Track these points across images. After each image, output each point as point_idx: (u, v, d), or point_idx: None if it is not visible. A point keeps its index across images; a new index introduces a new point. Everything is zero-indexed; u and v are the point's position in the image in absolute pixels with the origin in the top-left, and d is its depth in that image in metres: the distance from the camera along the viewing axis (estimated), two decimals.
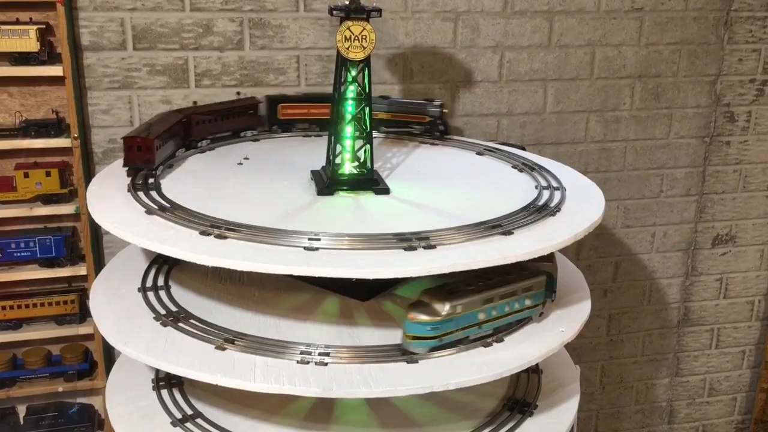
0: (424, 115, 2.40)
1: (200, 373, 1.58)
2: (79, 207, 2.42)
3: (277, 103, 2.42)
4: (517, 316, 1.77)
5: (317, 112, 2.39)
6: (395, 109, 2.42)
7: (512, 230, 1.67)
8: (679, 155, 3.04)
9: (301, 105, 2.41)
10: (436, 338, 1.63)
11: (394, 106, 2.43)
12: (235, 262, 1.48)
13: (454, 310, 1.62)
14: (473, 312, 1.66)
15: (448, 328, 1.63)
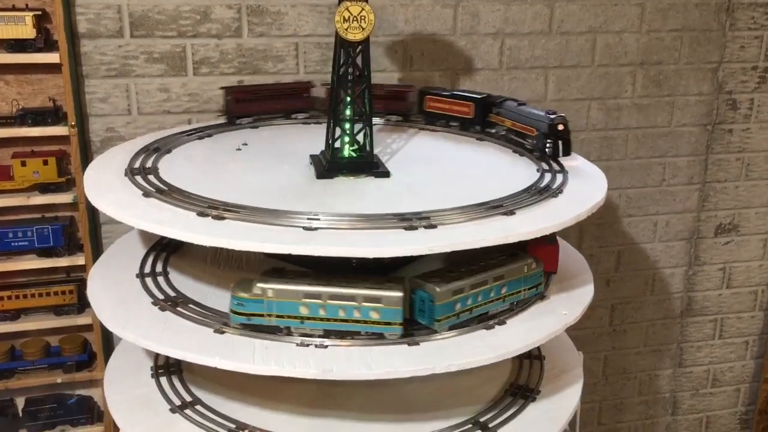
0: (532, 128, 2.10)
1: (198, 356, 1.56)
2: (77, 196, 2.41)
3: (425, 94, 2.42)
4: (359, 326, 1.59)
5: (459, 109, 2.34)
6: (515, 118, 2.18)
7: (514, 210, 1.65)
8: (681, 143, 3.01)
9: (445, 100, 2.37)
10: (243, 315, 1.59)
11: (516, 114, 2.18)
12: (232, 242, 1.46)
13: (263, 292, 1.58)
14: (290, 301, 1.59)
15: (257, 309, 1.59)
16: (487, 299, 1.69)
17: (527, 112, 2.12)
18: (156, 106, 2.48)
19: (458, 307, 1.63)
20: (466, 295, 1.64)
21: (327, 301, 1.58)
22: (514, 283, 1.74)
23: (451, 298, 1.61)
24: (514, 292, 1.75)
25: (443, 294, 1.59)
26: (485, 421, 1.82)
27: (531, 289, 1.79)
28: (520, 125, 2.14)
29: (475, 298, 1.66)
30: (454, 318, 1.64)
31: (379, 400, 1.91)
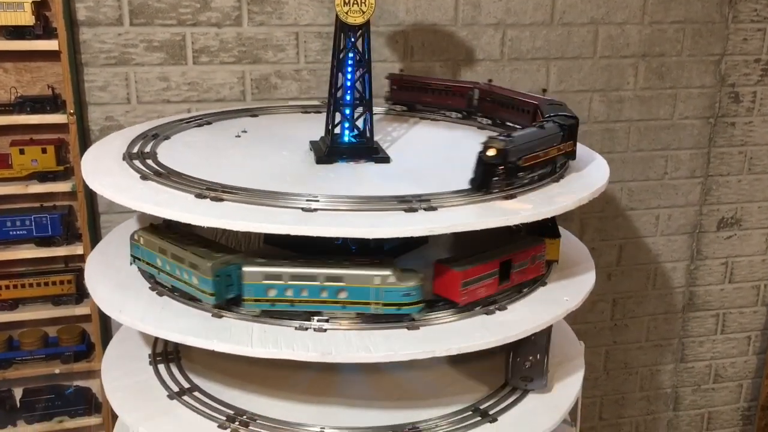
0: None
1: (196, 339, 1.54)
2: (76, 184, 2.39)
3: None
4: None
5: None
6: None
7: (515, 194, 1.63)
8: (683, 136, 3.00)
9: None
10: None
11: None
12: (230, 222, 1.45)
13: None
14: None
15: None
16: (317, 298, 1.55)
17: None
18: (155, 95, 2.47)
19: (272, 294, 1.54)
20: (285, 285, 1.53)
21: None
22: (358, 291, 1.55)
23: (260, 281, 1.53)
24: (359, 302, 1.56)
25: (252, 274, 1.54)
26: (485, 408, 1.81)
27: (390, 306, 1.55)
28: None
29: (297, 291, 1.54)
30: (268, 304, 1.55)
31: (379, 388, 1.89)
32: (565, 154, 1.80)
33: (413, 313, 1.59)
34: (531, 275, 1.79)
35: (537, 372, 1.82)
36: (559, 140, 1.76)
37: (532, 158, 1.66)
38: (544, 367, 1.81)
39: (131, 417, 1.74)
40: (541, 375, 1.82)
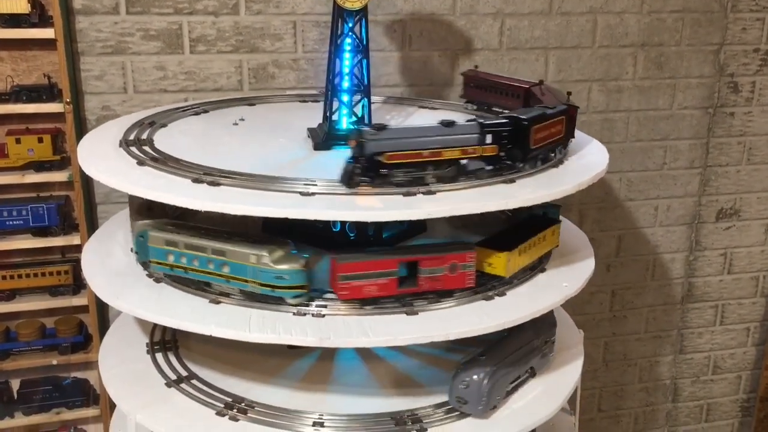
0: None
1: (194, 324, 1.53)
2: (72, 174, 2.38)
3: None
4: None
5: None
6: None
7: (514, 179, 1.62)
8: (682, 126, 2.99)
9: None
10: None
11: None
12: (228, 206, 1.44)
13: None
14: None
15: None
16: (205, 269, 1.59)
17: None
18: (152, 85, 2.45)
19: (170, 259, 1.64)
20: (180, 252, 1.62)
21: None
22: (238, 268, 1.56)
23: (162, 246, 1.63)
24: (239, 278, 1.56)
25: (155, 238, 1.64)
26: None
27: (266, 287, 1.55)
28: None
29: (190, 260, 1.60)
30: (167, 268, 1.65)
31: (377, 376, 1.88)
32: (486, 157, 1.62)
33: (288, 297, 1.55)
34: (450, 285, 1.61)
35: (473, 395, 1.65)
36: (473, 142, 1.59)
37: (405, 156, 1.51)
38: (481, 391, 1.64)
39: (128, 404, 1.73)
40: (477, 399, 1.65)
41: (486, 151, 1.60)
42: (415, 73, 2.65)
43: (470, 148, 1.58)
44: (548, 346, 1.90)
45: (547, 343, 1.89)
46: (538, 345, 1.85)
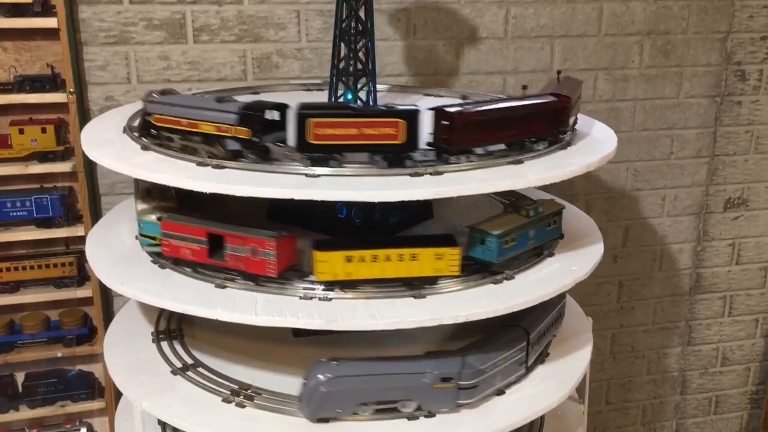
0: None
1: (200, 308, 1.52)
2: (76, 165, 2.37)
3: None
4: None
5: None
6: None
7: (522, 160, 1.61)
8: (689, 115, 2.97)
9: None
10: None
11: None
12: (233, 187, 1.42)
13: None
14: None
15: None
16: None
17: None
18: (156, 75, 2.44)
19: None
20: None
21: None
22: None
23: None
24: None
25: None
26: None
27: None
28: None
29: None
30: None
31: None
32: (242, 140, 1.51)
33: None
34: (253, 269, 1.57)
35: (306, 396, 1.57)
36: (229, 121, 1.52)
37: (166, 121, 1.60)
38: (312, 395, 1.54)
39: (134, 392, 1.72)
40: (307, 401, 1.57)
41: (239, 133, 1.52)
42: (419, 62, 2.63)
43: (225, 126, 1.53)
44: (446, 392, 1.62)
45: (447, 382, 1.61)
46: (428, 381, 1.59)
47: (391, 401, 1.59)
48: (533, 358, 1.79)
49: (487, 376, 1.64)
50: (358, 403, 1.57)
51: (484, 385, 1.64)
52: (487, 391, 1.65)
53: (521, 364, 1.74)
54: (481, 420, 1.65)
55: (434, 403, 1.61)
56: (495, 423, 1.63)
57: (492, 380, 1.66)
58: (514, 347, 1.69)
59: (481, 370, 1.62)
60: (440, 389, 1.59)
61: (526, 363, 1.76)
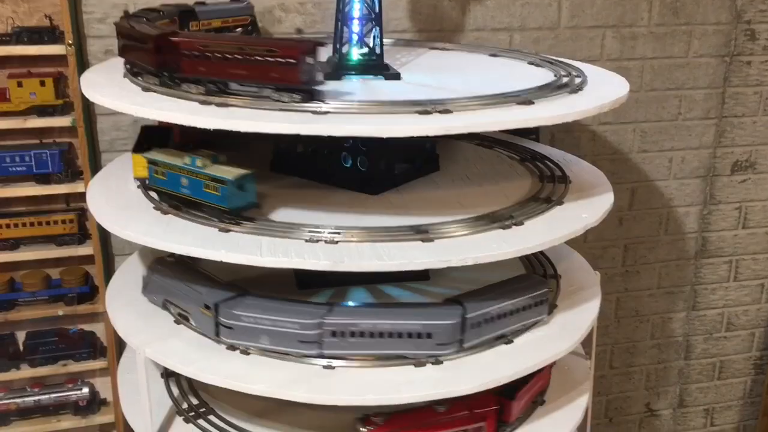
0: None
1: (203, 250, 1.49)
2: (76, 119, 2.33)
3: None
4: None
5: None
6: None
7: (532, 100, 1.57)
8: (698, 75, 2.92)
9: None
10: None
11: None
12: (237, 123, 1.39)
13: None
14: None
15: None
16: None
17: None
18: None
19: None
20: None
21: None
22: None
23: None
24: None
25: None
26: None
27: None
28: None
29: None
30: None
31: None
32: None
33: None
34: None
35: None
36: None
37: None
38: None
39: (137, 339, 1.69)
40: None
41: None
42: (424, 17, 2.58)
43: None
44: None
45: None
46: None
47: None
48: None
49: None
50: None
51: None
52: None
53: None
54: (487, 367, 1.62)
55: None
56: (501, 370, 1.61)
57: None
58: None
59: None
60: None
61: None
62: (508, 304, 1.65)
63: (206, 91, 1.50)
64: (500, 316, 1.65)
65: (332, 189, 1.83)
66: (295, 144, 1.94)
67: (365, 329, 1.55)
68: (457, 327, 1.58)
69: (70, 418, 2.59)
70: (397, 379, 1.57)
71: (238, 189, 1.56)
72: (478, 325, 1.61)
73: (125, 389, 1.97)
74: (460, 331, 1.59)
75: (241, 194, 1.58)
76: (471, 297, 1.63)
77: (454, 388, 1.56)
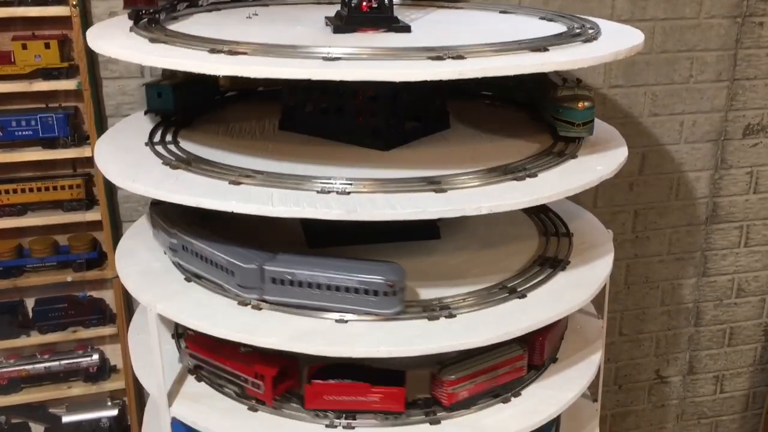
0: None
1: (213, 200, 1.47)
2: (81, 82, 2.31)
3: None
4: None
5: None
6: None
7: (547, 47, 1.54)
8: (710, 36, 2.87)
9: None
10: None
11: None
12: (247, 68, 1.36)
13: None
14: None
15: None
16: None
17: None
18: None
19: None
20: None
21: None
22: None
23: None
24: None
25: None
26: (513, 285, 1.74)
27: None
28: None
29: None
30: None
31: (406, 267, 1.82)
32: None
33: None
34: None
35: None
36: None
37: None
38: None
39: (147, 296, 1.68)
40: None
41: None
42: None
43: None
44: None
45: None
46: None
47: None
48: None
49: None
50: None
51: None
52: None
53: None
54: (500, 322, 1.61)
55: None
56: (515, 324, 1.60)
57: None
58: None
59: None
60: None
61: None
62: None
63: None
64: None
65: (342, 145, 1.81)
66: (304, 103, 1.92)
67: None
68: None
69: (81, 384, 2.60)
70: (412, 332, 1.56)
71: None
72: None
73: (136, 350, 1.97)
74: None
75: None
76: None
77: (468, 341, 1.54)
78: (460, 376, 1.63)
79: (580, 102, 1.75)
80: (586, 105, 1.74)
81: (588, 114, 1.76)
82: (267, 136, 1.90)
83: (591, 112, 1.77)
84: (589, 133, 1.79)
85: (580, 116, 1.74)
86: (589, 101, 1.76)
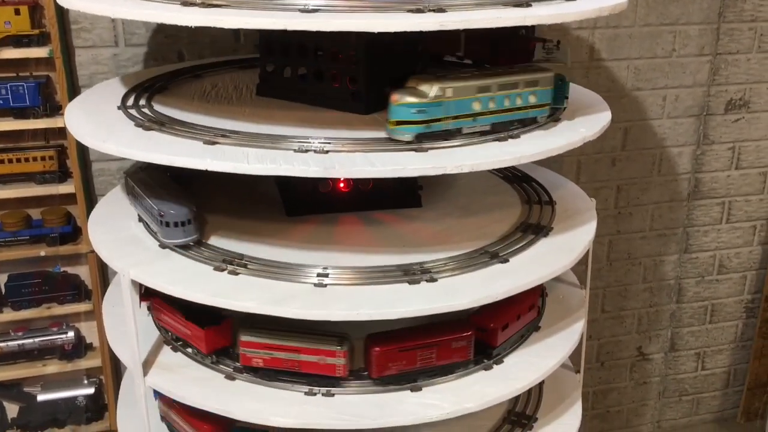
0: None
1: (188, 158, 1.43)
2: (53, 50, 2.24)
3: None
4: (518, 114, 1.61)
5: None
6: None
7: (530, 2, 1.50)
8: (692, 9, 2.86)
9: None
10: (422, 123, 1.47)
11: None
12: (221, 19, 1.31)
13: (443, 92, 1.48)
14: (466, 99, 1.51)
15: (436, 114, 1.49)
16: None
17: None
18: None
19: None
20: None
21: (496, 92, 1.56)
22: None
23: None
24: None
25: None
26: (496, 251, 1.72)
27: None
28: None
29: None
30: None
31: (382, 238, 1.79)
32: None
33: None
34: None
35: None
36: None
37: None
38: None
39: (121, 263, 1.63)
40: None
41: None
42: None
43: None
44: None
45: None
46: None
47: None
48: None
49: None
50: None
51: None
52: None
53: None
54: (483, 285, 1.58)
55: None
56: (498, 287, 1.57)
57: None
58: None
59: None
60: None
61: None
62: None
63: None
64: None
65: (321, 109, 1.77)
66: (282, 68, 1.87)
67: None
68: None
69: (56, 362, 2.54)
70: (392, 296, 1.53)
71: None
72: None
73: (110, 322, 1.92)
74: None
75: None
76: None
77: (448, 303, 1.52)
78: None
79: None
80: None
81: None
82: (244, 102, 1.86)
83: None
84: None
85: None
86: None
